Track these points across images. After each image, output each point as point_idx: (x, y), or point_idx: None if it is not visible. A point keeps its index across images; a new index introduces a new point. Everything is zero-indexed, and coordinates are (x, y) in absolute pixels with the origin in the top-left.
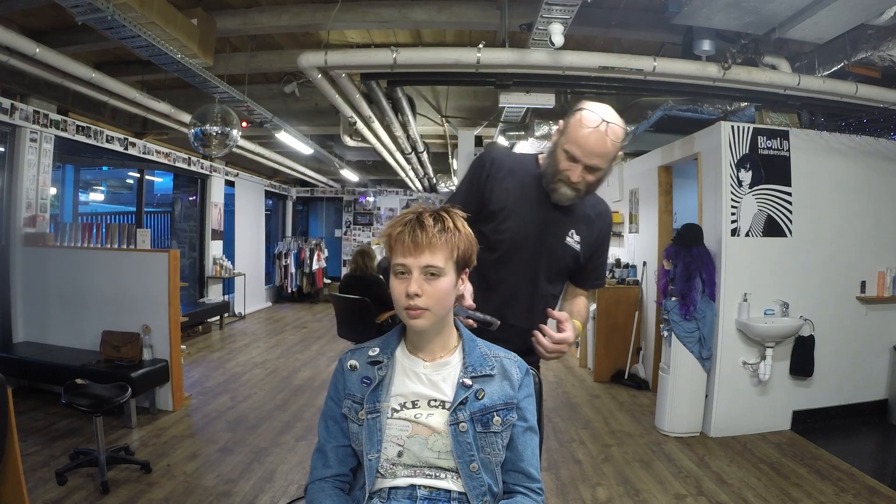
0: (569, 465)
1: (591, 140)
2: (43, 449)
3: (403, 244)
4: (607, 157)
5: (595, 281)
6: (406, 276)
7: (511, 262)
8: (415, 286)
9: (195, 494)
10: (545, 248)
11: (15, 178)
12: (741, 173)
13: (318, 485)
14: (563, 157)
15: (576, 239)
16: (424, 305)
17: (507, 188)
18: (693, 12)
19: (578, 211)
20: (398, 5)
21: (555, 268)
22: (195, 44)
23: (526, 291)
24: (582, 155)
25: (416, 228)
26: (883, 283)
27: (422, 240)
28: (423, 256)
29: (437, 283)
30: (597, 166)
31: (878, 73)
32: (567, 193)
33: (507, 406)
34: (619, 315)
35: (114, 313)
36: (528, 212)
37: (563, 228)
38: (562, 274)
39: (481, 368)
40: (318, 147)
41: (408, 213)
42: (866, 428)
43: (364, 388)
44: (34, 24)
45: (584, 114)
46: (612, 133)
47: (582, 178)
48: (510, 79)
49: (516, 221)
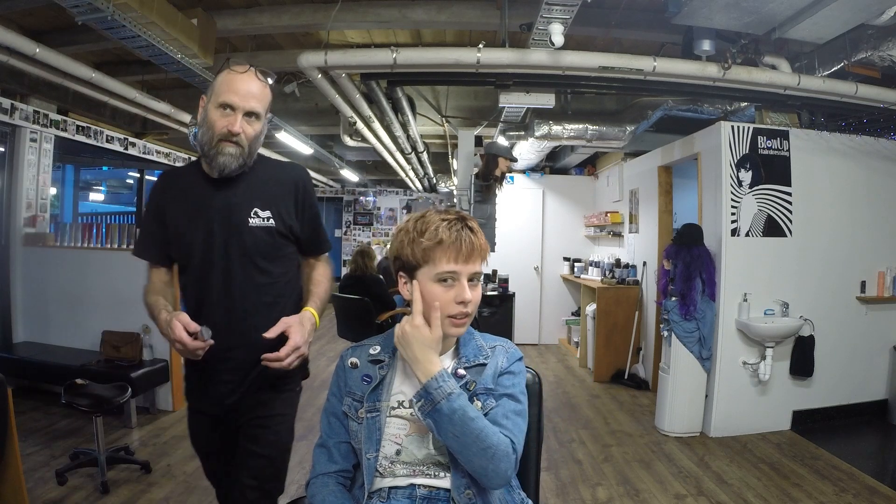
0: (569, 465)
1: (243, 82)
2: (43, 449)
3: (458, 251)
4: (262, 100)
5: (318, 247)
6: (451, 283)
7: (202, 270)
8: (468, 293)
9: (195, 494)
10: (230, 241)
11: (15, 178)
12: (741, 173)
13: (321, 479)
14: (218, 115)
15: (264, 216)
16: (471, 311)
17: (176, 202)
18: (693, 12)
19: (256, 185)
20: (398, 5)
21: (252, 255)
22: (195, 44)
23: (225, 297)
24: (238, 99)
25: (469, 235)
26: (883, 283)
27: (476, 247)
28: (475, 264)
29: (478, 289)
30: (254, 110)
31: (878, 73)
32: (231, 151)
33: (488, 391)
34: (619, 315)
35: (114, 313)
36: (198, 215)
37: (242, 212)
38: (269, 256)
39: (475, 358)
40: (318, 147)
41: (445, 216)
42: (866, 428)
43: (364, 387)
44: (34, 24)
45: (229, 66)
46: (260, 74)
47: (242, 130)
48: (510, 79)
49: (190, 229)
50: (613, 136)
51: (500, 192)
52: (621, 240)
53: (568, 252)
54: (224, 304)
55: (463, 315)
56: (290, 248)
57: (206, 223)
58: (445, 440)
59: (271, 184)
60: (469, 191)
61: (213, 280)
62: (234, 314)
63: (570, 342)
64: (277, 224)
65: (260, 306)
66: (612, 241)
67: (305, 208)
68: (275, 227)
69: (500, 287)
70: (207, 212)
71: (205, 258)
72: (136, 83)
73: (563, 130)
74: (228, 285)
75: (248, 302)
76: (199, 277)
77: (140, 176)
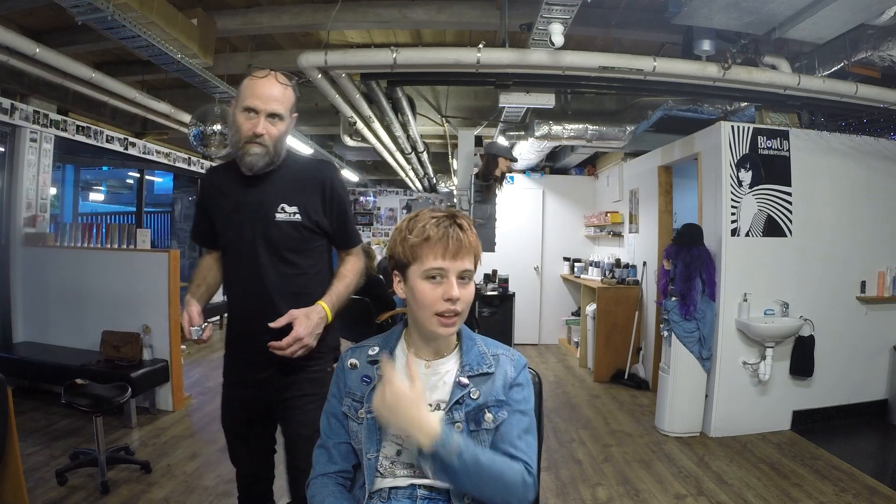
0: (569, 465)
1: (264, 87)
2: (43, 449)
3: (445, 247)
4: (284, 102)
5: (347, 241)
6: (439, 280)
7: (235, 260)
8: (457, 290)
9: (195, 494)
10: (257, 234)
11: (15, 178)
12: (741, 173)
13: (321, 480)
14: (243, 119)
15: (290, 210)
16: (460, 310)
17: (215, 198)
18: (693, 12)
19: (285, 183)
20: (398, 5)
21: (278, 248)
22: (195, 44)
23: (255, 284)
24: (261, 103)
25: (457, 232)
26: (883, 283)
27: (464, 243)
28: (463, 261)
29: (468, 288)
30: (276, 112)
31: (878, 73)
32: (257, 151)
33: (499, 403)
34: (619, 315)
35: (114, 313)
36: (233, 208)
37: (271, 206)
38: (296, 249)
39: (478, 367)
40: (318, 147)
41: (435, 214)
42: (866, 428)
43: (364, 387)
44: (34, 24)
45: (251, 73)
46: (280, 77)
47: (266, 131)
48: (510, 79)
49: (227, 223)
50: (613, 136)
51: (500, 192)
52: (621, 240)
53: (568, 252)
54: (254, 292)
55: (452, 313)
56: (319, 241)
57: (240, 217)
58: (463, 487)
59: (300, 180)
60: (469, 191)
61: (244, 270)
62: (263, 302)
63: (570, 342)
64: (304, 219)
65: (287, 296)
66: (612, 241)
67: (333, 204)
68: (301, 221)
69: (500, 287)
70: (241, 207)
71: (238, 250)
72: (136, 83)
73: (563, 130)
74: (258, 275)
75: (275, 291)
76: (235, 267)
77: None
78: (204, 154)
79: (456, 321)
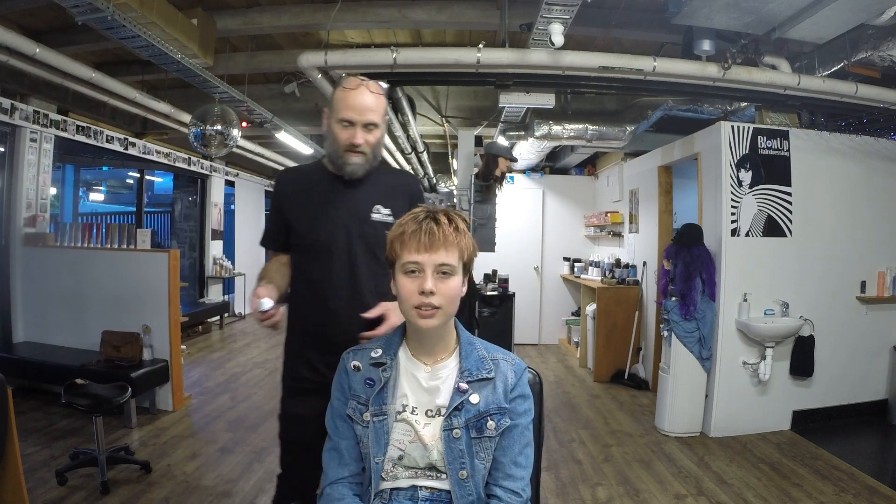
0: (569, 465)
1: (357, 98)
2: (43, 449)
3: (418, 241)
4: (378, 111)
5: None
6: (418, 274)
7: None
8: (430, 283)
9: (195, 494)
10: (353, 232)
11: (15, 178)
12: (741, 173)
13: (335, 489)
14: (339, 129)
15: (385, 212)
16: (438, 304)
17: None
18: (693, 12)
19: (379, 187)
20: (398, 5)
21: (373, 246)
22: (195, 44)
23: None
24: (356, 114)
25: (431, 226)
26: (883, 283)
27: (438, 237)
28: (439, 254)
29: (449, 282)
30: (372, 121)
31: (878, 73)
32: (356, 161)
33: (501, 410)
34: (619, 315)
35: (114, 313)
36: (325, 208)
37: (366, 206)
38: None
39: (478, 372)
40: (318, 147)
41: (418, 211)
42: (866, 428)
43: (368, 390)
44: (34, 24)
45: (342, 84)
46: (372, 86)
47: (364, 140)
48: (510, 79)
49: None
50: (613, 136)
51: (500, 192)
52: (621, 240)
53: (568, 252)
54: (346, 287)
55: (428, 306)
56: None
57: (334, 217)
58: None
59: (392, 186)
60: (469, 191)
61: (336, 267)
62: (354, 298)
63: (570, 342)
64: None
65: (376, 293)
66: (612, 241)
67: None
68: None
69: (500, 287)
70: (335, 207)
71: (331, 248)
72: (136, 83)
73: (563, 130)
74: (351, 272)
75: (366, 287)
76: (325, 264)
77: (140, 176)
78: (204, 154)
79: (435, 314)
